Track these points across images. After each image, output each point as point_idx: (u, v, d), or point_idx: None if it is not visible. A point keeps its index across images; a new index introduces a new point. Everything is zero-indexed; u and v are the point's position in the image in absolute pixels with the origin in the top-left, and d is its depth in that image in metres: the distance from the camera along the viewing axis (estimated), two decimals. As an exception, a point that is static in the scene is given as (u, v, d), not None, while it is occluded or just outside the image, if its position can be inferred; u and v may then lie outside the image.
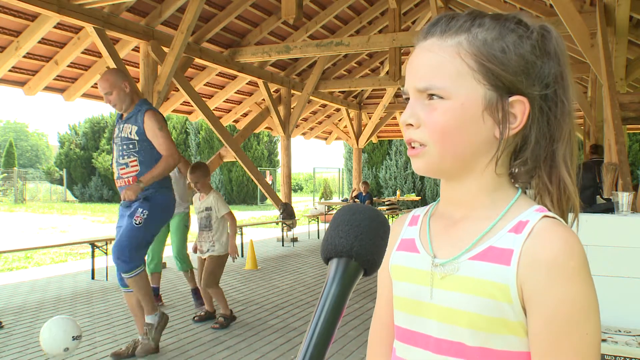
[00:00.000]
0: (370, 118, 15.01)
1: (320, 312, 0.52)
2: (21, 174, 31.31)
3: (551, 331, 0.72)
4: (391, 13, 9.50)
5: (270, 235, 12.98)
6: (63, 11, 6.33)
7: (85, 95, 8.86)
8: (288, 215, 10.81)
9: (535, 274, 0.73)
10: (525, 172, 0.82)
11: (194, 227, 6.00)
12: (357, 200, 12.56)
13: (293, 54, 9.33)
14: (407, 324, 0.85)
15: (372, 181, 22.41)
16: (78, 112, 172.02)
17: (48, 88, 8.35)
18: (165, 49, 7.66)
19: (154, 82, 7.53)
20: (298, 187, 42.48)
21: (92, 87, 8.85)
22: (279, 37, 9.98)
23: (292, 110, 11.66)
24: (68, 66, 8.05)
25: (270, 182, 23.74)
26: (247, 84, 11.13)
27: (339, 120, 15.42)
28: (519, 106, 0.78)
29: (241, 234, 9.57)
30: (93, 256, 7.49)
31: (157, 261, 5.64)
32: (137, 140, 3.98)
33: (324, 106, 14.15)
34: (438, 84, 0.77)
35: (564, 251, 0.73)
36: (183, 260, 5.67)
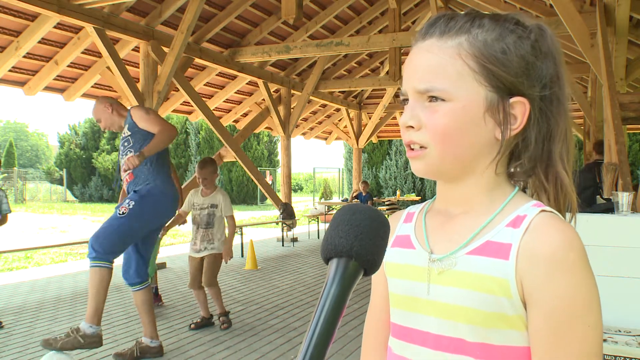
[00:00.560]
0: (370, 118, 15.00)
1: (320, 312, 0.52)
2: (21, 174, 31.33)
3: (553, 325, 0.71)
4: (391, 13, 9.50)
5: (270, 235, 12.99)
6: (63, 11, 6.33)
7: (85, 95, 8.85)
8: (288, 215, 10.80)
9: (534, 269, 0.73)
10: (523, 172, 0.83)
11: (186, 226, 5.82)
12: (357, 200, 12.56)
13: (293, 54, 9.33)
14: (404, 321, 0.85)
15: (372, 181, 22.40)
16: (78, 112, 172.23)
17: (48, 88, 8.35)
18: (165, 49, 7.66)
19: (154, 82, 7.53)
20: (298, 187, 42.49)
21: (92, 87, 8.86)
22: (279, 37, 9.98)
23: (292, 110, 11.66)
24: (68, 66, 8.05)
25: (270, 182, 23.72)
26: (247, 84, 11.12)
27: (339, 120, 15.41)
28: (520, 107, 0.78)
29: (241, 234, 9.56)
30: (93, 256, 7.48)
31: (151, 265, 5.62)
32: (130, 134, 4.01)
33: (324, 106, 14.15)
34: (439, 86, 0.77)
35: (563, 244, 0.73)
36: (153, 263, 5.62)
